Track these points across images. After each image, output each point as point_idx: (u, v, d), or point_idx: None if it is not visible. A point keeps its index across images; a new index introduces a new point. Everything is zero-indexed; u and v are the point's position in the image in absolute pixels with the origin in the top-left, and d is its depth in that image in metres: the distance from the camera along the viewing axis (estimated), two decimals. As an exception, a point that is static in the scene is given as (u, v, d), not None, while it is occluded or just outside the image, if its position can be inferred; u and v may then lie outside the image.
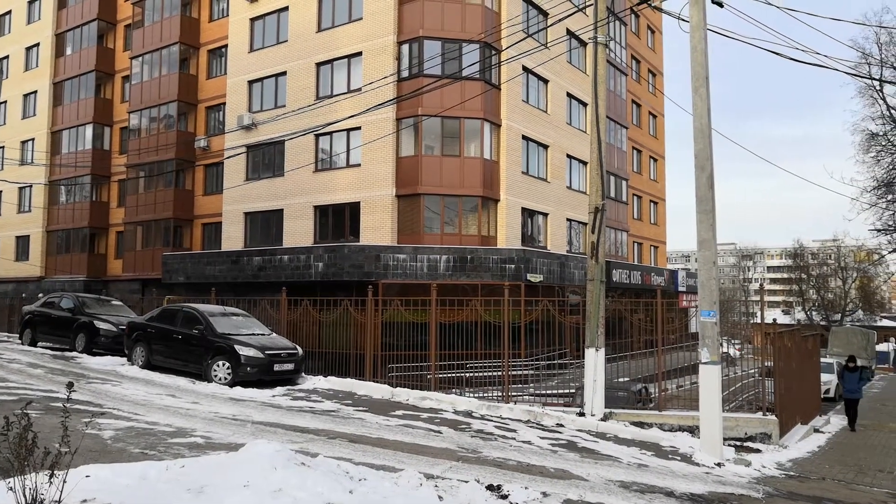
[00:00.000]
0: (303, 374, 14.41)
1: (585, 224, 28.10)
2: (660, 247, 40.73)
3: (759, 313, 12.33)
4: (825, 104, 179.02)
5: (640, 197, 37.94)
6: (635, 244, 36.80)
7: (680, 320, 17.03)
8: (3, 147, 37.71)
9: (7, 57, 38.71)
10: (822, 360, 20.88)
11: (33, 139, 36.56)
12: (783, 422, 11.68)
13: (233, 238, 27.02)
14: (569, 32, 26.64)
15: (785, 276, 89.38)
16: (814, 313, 62.38)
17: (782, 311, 73.75)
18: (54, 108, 35.92)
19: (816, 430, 14.05)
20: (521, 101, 24.88)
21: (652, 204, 39.82)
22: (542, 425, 11.05)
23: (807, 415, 14.39)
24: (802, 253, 69.86)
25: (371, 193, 23.28)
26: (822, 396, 18.36)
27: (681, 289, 34.71)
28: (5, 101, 37.52)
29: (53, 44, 36.22)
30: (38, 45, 37.07)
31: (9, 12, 39.12)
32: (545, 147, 26.55)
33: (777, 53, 12.30)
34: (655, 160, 40.60)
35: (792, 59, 14.04)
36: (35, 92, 36.92)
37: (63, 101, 35.53)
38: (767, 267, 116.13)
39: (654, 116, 40.57)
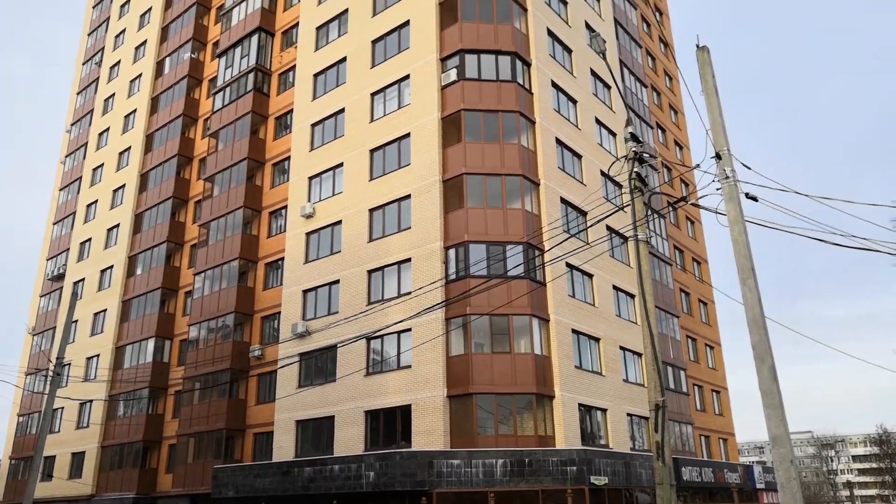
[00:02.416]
0: None
1: (646, 418, 26.86)
2: (729, 439, 38.24)
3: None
4: (884, 281, 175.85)
5: (700, 387, 36.45)
6: (702, 437, 34.67)
7: (765, 525, 15.43)
8: (69, 364, 39.17)
9: (83, 279, 41.69)
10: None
11: (98, 355, 38.06)
12: None
13: (284, 448, 26.53)
14: (609, 229, 27.58)
15: (874, 465, 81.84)
16: (915, 508, 55.97)
17: (879, 506, 66.55)
18: (121, 324, 37.79)
19: None
20: (567, 295, 25.14)
21: (714, 393, 38.11)
22: None
23: None
24: (888, 439, 64.56)
25: (422, 395, 22.96)
26: None
27: (759, 486, 31.90)
28: (76, 321, 39.68)
29: (126, 265, 39.05)
30: (111, 267, 40.00)
31: (89, 240, 42.83)
32: (596, 340, 26.28)
33: (819, 240, 12.32)
34: (712, 348, 39.57)
35: (836, 244, 14.04)
36: (104, 310, 39.14)
37: (129, 317, 37.46)
38: (852, 456, 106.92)
39: (705, 304, 40.26)
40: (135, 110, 43.21)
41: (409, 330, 23.83)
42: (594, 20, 33.41)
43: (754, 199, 11.33)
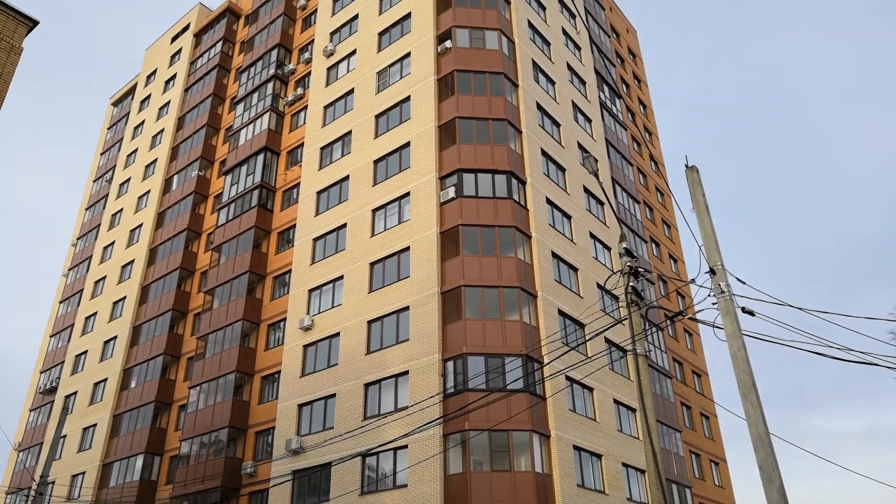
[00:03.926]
0: None
1: (654, 541, 25.67)
2: (742, 564, 36.29)
3: None
4: (886, 393, 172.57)
5: (708, 506, 35.02)
6: (714, 563, 32.92)
7: None
8: (53, 483, 37.79)
9: (75, 393, 40.95)
10: None
11: (84, 472, 36.73)
12: None
13: (273, 574, 25.13)
14: (608, 342, 27.56)
15: None
16: None
17: None
18: (110, 439, 36.76)
19: None
20: (568, 410, 24.74)
21: (723, 514, 36.56)
22: None
23: None
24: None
25: (420, 517, 22.05)
26: None
27: None
28: (65, 436, 38.60)
29: (120, 378, 38.49)
30: (105, 380, 39.42)
31: (85, 352, 42.47)
32: (598, 457, 25.58)
33: (819, 353, 12.35)
34: (717, 464, 38.37)
35: (836, 357, 14.07)
36: (94, 425, 38.16)
37: (119, 432, 36.48)
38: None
39: (707, 417, 39.44)
40: (140, 225, 44.20)
41: (406, 447, 23.24)
42: (586, 141, 34.99)
43: (751, 313, 11.48)
